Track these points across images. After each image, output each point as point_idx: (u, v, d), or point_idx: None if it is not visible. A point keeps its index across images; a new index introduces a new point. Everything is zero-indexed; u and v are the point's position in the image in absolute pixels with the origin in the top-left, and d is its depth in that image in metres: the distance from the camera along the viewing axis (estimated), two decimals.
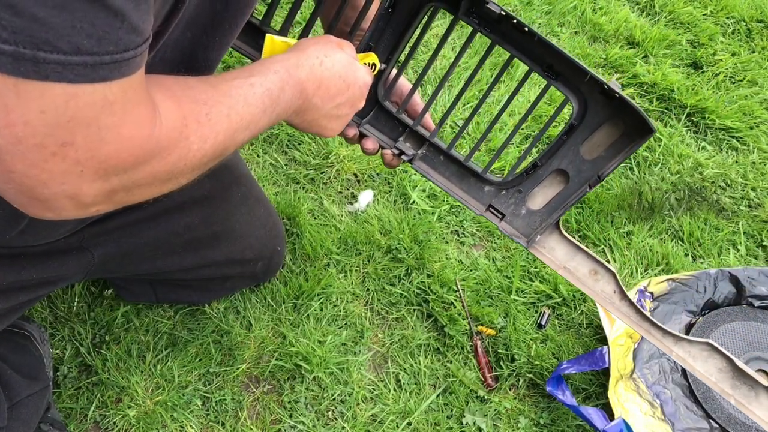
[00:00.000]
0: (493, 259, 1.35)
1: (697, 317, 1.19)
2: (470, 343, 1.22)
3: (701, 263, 1.36)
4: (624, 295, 0.87)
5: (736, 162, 1.55)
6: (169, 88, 0.57)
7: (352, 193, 1.43)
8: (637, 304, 1.16)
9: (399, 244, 1.33)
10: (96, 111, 0.45)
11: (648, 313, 0.93)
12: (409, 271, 1.31)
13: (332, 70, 0.73)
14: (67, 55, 0.42)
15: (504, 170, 1.46)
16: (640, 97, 1.67)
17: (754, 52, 1.84)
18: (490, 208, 0.89)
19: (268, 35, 0.75)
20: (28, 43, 0.40)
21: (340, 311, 1.25)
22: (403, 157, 0.88)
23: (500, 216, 0.89)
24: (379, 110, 0.88)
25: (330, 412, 1.14)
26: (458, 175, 0.89)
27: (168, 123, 0.53)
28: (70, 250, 0.86)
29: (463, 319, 1.24)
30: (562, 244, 0.88)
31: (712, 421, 1.06)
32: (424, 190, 1.43)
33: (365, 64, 0.81)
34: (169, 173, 0.56)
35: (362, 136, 0.87)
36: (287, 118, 0.73)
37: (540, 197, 0.87)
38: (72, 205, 0.50)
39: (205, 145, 0.58)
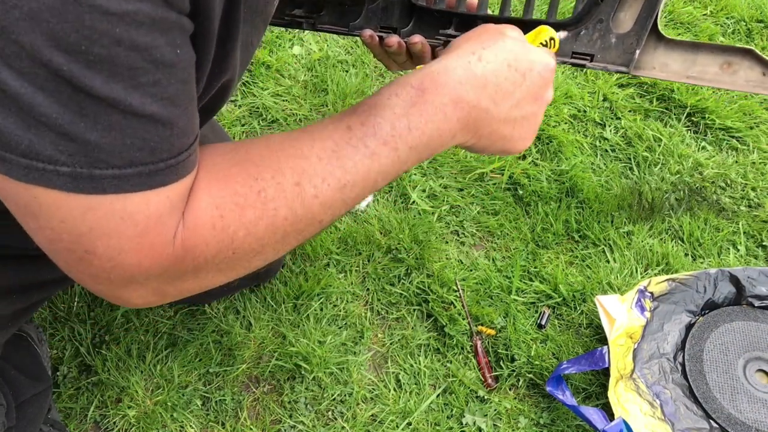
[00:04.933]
0: (493, 259, 1.35)
1: (697, 317, 1.19)
2: (470, 343, 1.22)
3: (701, 263, 1.36)
4: None
5: (736, 162, 1.55)
6: (214, 166, 0.51)
7: None
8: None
9: (399, 244, 1.33)
10: (116, 220, 0.45)
11: None
12: (409, 271, 1.31)
13: (496, 61, 0.59)
14: (121, 169, 0.43)
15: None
16: (640, 97, 1.67)
17: None
18: (573, 56, 0.80)
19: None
20: (84, 163, 0.42)
21: (340, 311, 1.25)
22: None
23: (589, 57, 0.80)
24: (419, 15, 0.81)
25: (330, 412, 1.14)
26: None
27: (196, 220, 0.49)
28: None
29: (463, 319, 1.24)
30: (674, 52, 0.76)
31: (712, 421, 1.06)
32: (424, 190, 1.43)
33: (541, 44, 0.69)
34: (215, 264, 0.52)
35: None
36: (452, 144, 0.59)
37: (627, 16, 0.76)
38: (129, 303, 0.51)
39: (257, 228, 0.52)
